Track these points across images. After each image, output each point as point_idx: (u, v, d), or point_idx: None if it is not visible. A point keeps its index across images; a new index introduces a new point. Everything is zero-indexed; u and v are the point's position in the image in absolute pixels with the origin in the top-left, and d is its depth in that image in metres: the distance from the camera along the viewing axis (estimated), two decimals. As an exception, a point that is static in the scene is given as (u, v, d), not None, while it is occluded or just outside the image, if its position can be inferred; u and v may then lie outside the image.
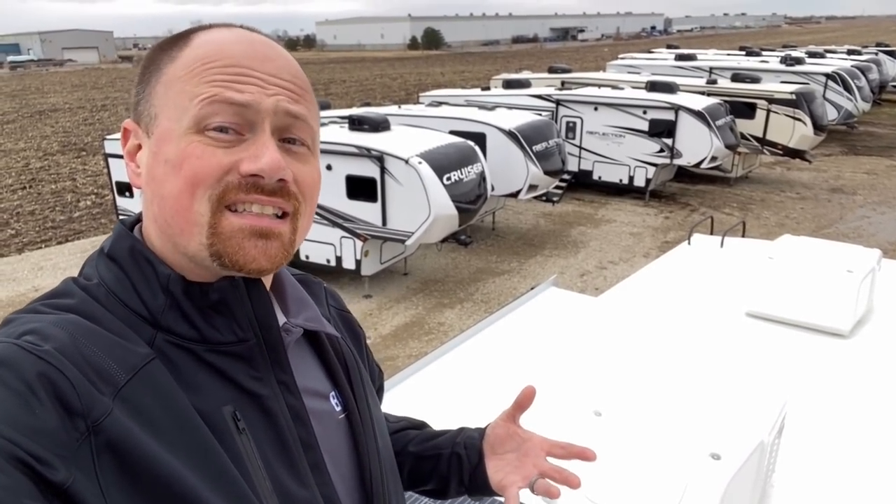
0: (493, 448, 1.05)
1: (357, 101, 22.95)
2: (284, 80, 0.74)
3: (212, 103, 0.70)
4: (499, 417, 1.07)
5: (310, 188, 0.78)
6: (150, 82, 0.75)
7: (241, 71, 0.72)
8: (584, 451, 1.00)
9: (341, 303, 1.05)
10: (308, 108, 0.77)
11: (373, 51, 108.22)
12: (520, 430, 1.04)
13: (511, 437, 1.04)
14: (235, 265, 0.72)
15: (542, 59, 51.62)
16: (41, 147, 21.19)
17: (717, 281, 3.32)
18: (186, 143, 0.71)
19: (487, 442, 1.06)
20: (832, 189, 14.35)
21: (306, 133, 0.77)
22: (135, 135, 0.77)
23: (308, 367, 0.86)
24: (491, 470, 1.04)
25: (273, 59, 0.75)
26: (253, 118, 0.72)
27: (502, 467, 1.03)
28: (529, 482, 0.99)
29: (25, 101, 36.16)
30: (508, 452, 1.04)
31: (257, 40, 0.75)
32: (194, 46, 0.74)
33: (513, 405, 1.04)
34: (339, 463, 0.84)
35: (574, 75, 18.22)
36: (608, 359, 2.34)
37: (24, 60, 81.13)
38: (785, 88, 14.46)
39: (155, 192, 0.74)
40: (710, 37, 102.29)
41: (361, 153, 8.70)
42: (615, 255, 10.50)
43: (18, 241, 11.92)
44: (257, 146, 0.72)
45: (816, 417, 2.10)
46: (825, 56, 23.21)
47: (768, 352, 2.60)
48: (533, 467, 1.00)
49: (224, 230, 0.71)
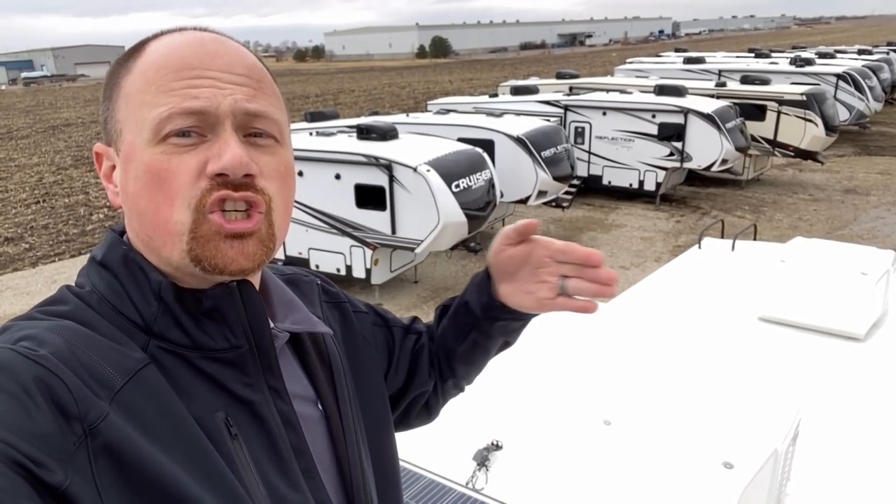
0: (504, 274, 1.01)
1: (365, 110, 23.04)
2: (238, 76, 0.74)
3: (170, 115, 0.70)
4: (493, 243, 1.02)
5: (280, 179, 0.77)
6: (112, 98, 0.75)
7: (194, 73, 0.72)
8: (588, 255, 0.94)
9: (337, 294, 1.03)
10: (268, 100, 0.76)
11: (381, 60, 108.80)
12: (521, 248, 0.99)
13: (513, 256, 0.99)
14: (216, 268, 0.72)
15: (549, 66, 51.63)
16: (54, 161, 21.43)
17: (728, 285, 3.28)
18: (151, 156, 0.71)
19: (495, 270, 1.02)
20: (845, 190, 14.21)
21: (270, 126, 0.76)
22: (106, 156, 0.78)
23: (295, 370, 0.86)
24: (509, 292, 1.00)
25: (223, 54, 0.74)
26: (212, 121, 0.72)
27: (521, 286, 0.99)
28: (560, 288, 0.95)
29: (39, 116, 36.63)
30: (522, 271, 0.99)
31: (207, 38, 0.75)
32: (147, 55, 0.74)
33: (513, 230, 0.99)
34: (324, 469, 0.83)
35: (582, 80, 18.20)
36: (617, 365, 2.31)
37: (38, 76, 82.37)
38: (795, 90, 14.36)
39: (132, 209, 0.74)
40: (719, 39, 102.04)
41: (370, 162, 8.72)
42: (626, 260, 10.44)
43: (32, 255, 12.03)
44: (219, 144, 0.72)
45: (832, 424, 2.06)
46: (835, 56, 23.04)
47: (781, 357, 2.56)
48: (550, 275, 0.96)
49: (203, 233, 0.72)
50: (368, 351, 1.01)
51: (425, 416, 1.16)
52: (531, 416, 2.03)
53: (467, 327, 1.07)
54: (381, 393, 1.00)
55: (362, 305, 1.08)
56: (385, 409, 0.99)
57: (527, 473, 1.85)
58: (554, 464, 1.82)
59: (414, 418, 1.14)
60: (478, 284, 1.05)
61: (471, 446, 2.00)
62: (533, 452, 1.90)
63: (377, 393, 0.99)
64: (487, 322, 1.05)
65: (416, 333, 1.12)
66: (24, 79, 79.60)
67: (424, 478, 1.92)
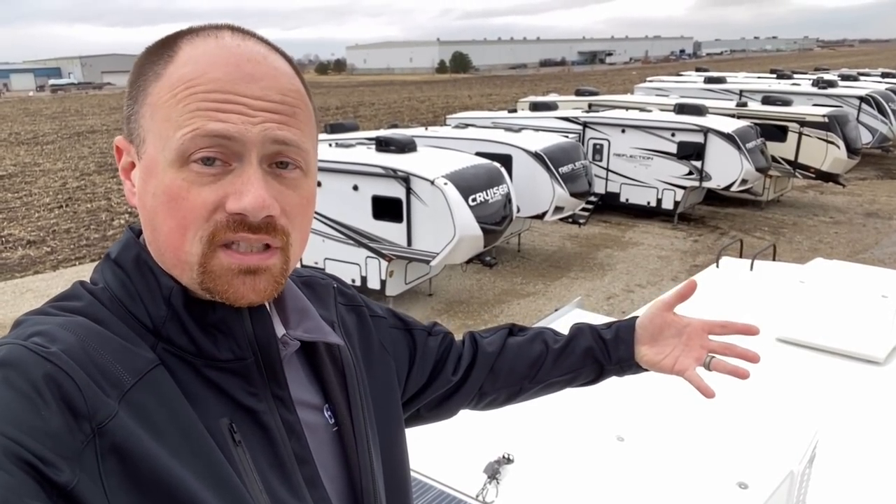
0: (652, 337, 1.12)
1: (385, 123, 23.21)
2: (272, 102, 0.71)
3: (193, 138, 0.68)
4: (653, 307, 1.14)
5: (300, 216, 0.76)
6: (139, 100, 0.73)
7: (226, 97, 0.69)
8: (747, 328, 1.08)
9: (354, 297, 1.03)
10: (300, 128, 0.74)
11: (401, 74, 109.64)
12: (677, 318, 1.11)
13: (669, 324, 1.11)
14: (227, 300, 0.73)
15: (569, 83, 51.75)
16: (78, 167, 21.78)
17: (746, 305, 3.24)
18: (171, 179, 0.69)
19: (645, 331, 1.13)
20: (867, 213, 14.03)
21: (299, 155, 0.74)
22: (127, 153, 0.77)
23: (302, 378, 0.85)
24: (652, 355, 1.11)
25: (258, 78, 0.71)
26: (238, 149, 0.69)
27: (667, 352, 1.10)
28: (703, 362, 1.07)
29: (65, 122, 37.29)
30: (670, 338, 1.11)
31: (244, 58, 0.71)
32: (179, 64, 0.71)
33: (674, 295, 1.12)
34: (332, 477, 0.83)
35: (601, 98, 18.19)
36: (631, 381, 2.29)
37: (65, 83, 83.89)
38: (817, 111, 14.25)
39: (147, 221, 0.74)
40: (741, 60, 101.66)
41: (388, 174, 8.77)
42: (643, 279, 10.37)
43: (54, 259, 12.20)
44: (242, 180, 0.70)
45: (850, 447, 2.02)
46: (858, 79, 22.84)
47: (799, 378, 2.52)
48: (701, 349, 1.08)
49: (214, 269, 0.71)
50: (384, 357, 1.01)
51: (443, 412, 1.17)
52: (543, 430, 2.02)
53: (579, 367, 1.16)
54: (394, 400, 0.99)
55: (380, 309, 1.07)
56: (397, 417, 0.99)
57: (538, 488, 1.84)
58: (565, 479, 1.80)
59: (427, 412, 1.15)
60: (621, 339, 1.15)
61: (482, 459, 1.99)
62: (544, 467, 1.89)
63: (390, 400, 0.98)
64: (612, 372, 1.16)
65: (437, 335, 1.14)
66: (52, 86, 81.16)
67: (434, 489, 1.91)
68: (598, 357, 1.15)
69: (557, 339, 1.19)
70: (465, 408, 1.19)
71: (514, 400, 1.20)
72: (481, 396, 1.16)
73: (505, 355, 1.16)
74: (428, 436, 2.02)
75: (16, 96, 72.28)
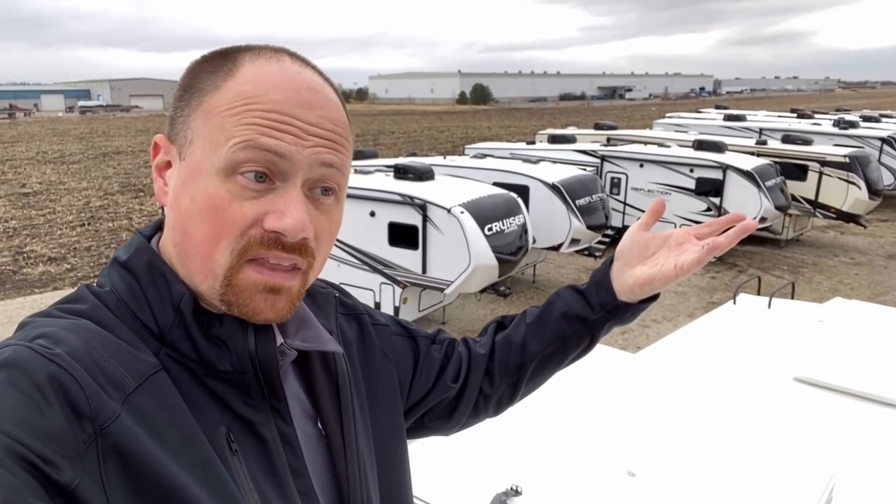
0: (640, 254, 1.05)
1: (404, 151, 23.43)
2: (325, 130, 0.74)
3: (245, 148, 0.70)
4: (629, 232, 1.08)
5: (326, 242, 0.78)
6: (191, 104, 0.74)
7: (282, 119, 0.71)
8: (735, 216, 1.01)
9: (355, 306, 1.03)
10: (345, 154, 0.77)
11: (422, 104, 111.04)
12: (657, 234, 1.06)
13: (652, 238, 1.05)
14: (244, 315, 0.74)
15: (588, 117, 52.02)
16: (102, 187, 22.17)
17: (763, 343, 3.19)
18: (215, 188, 0.71)
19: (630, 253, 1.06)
20: (889, 255, 13.83)
21: (337, 180, 0.76)
22: (166, 151, 0.77)
23: (294, 388, 0.85)
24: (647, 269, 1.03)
25: (316, 107, 0.74)
26: (286, 168, 0.71)
27: (662, 261, 1.03)
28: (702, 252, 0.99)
29: (91, 143, 38.10)
30: (658, 250, 1.05)
31: (304, 85, 0.74)
32: (241, 80, 0.72)
33: (647, 214, 1.07)
34: (323, 488, 0.82)
35: (620, 132, 18.26)
36: (645, 416, 2.25)
37: (94, 105, 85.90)
38: (838, 151, 14.17)
39: (178, 223, 0.75)
40: (761, 99, 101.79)
41: (405, 201, 8.82)
42: (658, 314, 10.26)
43: (73, 276, 12.37)
44: (285, 200, 0.71)
45: (867, 491, 1.96)
46: (880, 120, 22.73)
47: (817, 420, 2.46)
48: (693, 245, 1.01)
49: (239, 282, 0.72)
50: (386, 364, 1.00)
51: (447, 421, 1.13)
52: (553, 463, 1.98)
53: (563, 331, 1.09)
54: (394, 409, 0.98)
55: (383, 318, 1.07)
56: (398, 427, 0.98)
57: (545, 522, 1.80)
58: (574, 514, 1.76)
59: (430, 422, 1.12)
60: (598, 283, 1.09)
61: (489, 489, 1.96)
62: (553, 500, 1.85)
63: (390, 409, 0.97)
64: (602, 323, 1.08)
65: (441, 343, 1.12)
66: (81, 107, 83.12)
67: (440, 518, 1.88)
68: (578, 313, 1.08)
69: (535, 312, 1.15)
70: (475, 416, 1.14)
71: (518, 393, 1.14)
72: (485, 399, 1.12)
73: (496, 353, 1.13)
74: (434, 463, 1.99)
75: (45, 116, 74.07)
